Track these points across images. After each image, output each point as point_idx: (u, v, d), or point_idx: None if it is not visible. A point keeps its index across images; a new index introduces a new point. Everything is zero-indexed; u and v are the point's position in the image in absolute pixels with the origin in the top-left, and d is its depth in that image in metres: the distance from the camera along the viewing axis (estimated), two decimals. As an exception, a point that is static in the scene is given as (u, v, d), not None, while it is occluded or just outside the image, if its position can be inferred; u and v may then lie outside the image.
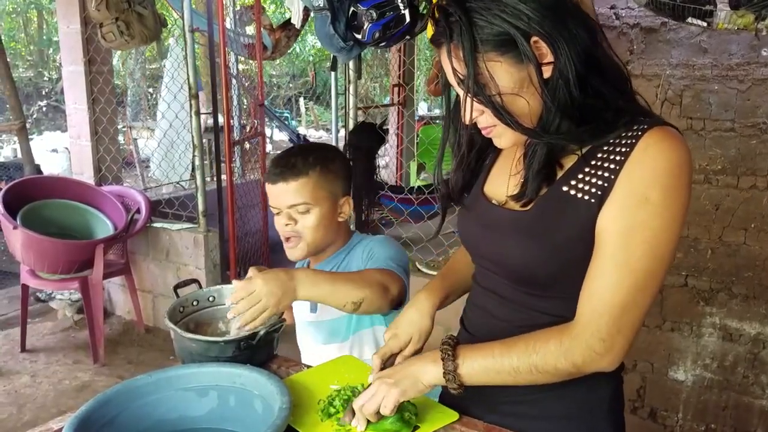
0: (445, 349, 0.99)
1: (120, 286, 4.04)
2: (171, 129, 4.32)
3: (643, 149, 0.89)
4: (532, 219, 0.98)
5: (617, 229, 0.90)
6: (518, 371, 0.95)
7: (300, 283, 1.19)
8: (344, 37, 2.45)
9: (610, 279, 0.90)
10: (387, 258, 1.41)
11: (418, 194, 3.58)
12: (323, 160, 1.45)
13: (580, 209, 0.93)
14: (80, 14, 3.76)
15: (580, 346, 0.92)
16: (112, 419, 1.06)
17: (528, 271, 1.00)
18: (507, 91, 0.92)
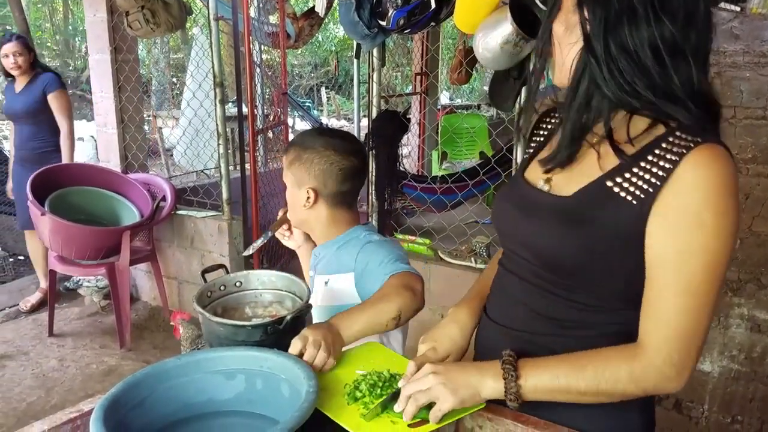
0: (507, 369, 0.98)
1: (146, 273, 4.09)
2: (195, 118, 4.35)
3: (693, 168, 0.88)
4: (570, 206, 0.99)
5: (674, 253, 0.90)
6: (584, 394, 0.95)
7: (340, 326, 1.22)
8: (368, 24, 2.44)
9: (674, 305, 0.91)
10: (395, 260, 1.42)
11: (441, 183, 3.57)
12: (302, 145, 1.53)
13: (621, 207, 0.93)
14: (106, 3, 3.79)
15: (652, 373, 0.92)
16: (141, 401, 1.07)
17: (557, 256, 1.00)
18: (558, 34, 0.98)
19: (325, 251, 1.57)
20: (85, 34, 11.64)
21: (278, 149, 4.78)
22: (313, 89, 15.91)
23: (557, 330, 1.04)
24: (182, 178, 5.11)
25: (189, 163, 4.51)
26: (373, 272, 1.42)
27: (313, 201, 1.52)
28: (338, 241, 1.55)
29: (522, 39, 2.00)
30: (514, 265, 1.11)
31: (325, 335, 1.18)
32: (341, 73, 15.75)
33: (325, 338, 1.18)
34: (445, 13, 2.30)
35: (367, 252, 1.47)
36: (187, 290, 3.98)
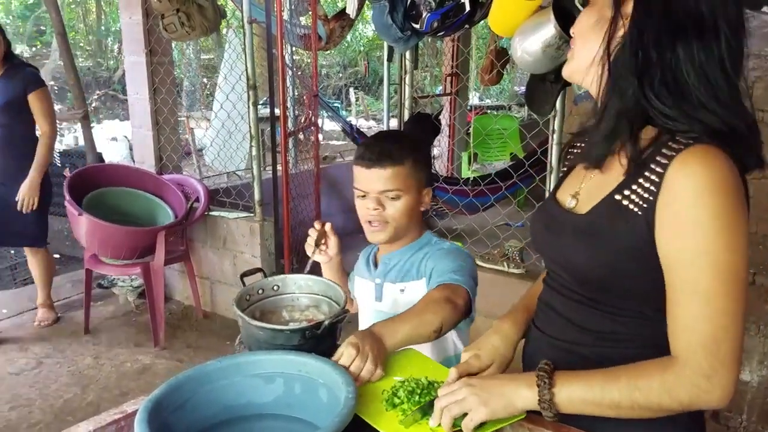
0: (542, 376, 0.97)
1: (179, 272, 4.15)
2: (229, 120, 4.40)
3: (680, 169, 0.88)
4: (586, 222, 1.01)
5: (679, 258, 0.90)
6: (619, 406, 0.93)
7: (384, 335, 1.22)
8: (402, 27, 2.44)
9: (689, 311, 0.89)
10: (449, 271, 1.42)
11: (473, 185, 3.55)
12: (415, 150, 1.49)
13: (628, 219, 0.94)
14: (142, 6, 3.85)
15: (684, 384, 0.90)
16: (183, 403, 1.09)
17: (582, 271, 1.02)
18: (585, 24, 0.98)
19: (397, 258, 1.55)
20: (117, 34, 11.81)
21: (308, 150, 4.81)
22: (341, 89, 15.98)
23: (597, 341, 1.04)
24: (214, 179, 5.17)
25: (222, 164, 4.56)
26: (434, 277, 1.44)
27: (430, 197, 1.54)
28: (412, 247, 1.55)
29: (564, 42, 1.98)
30: (552, 280, 1.14)
31: (372, 345, 1.18)
32: (370, 73, 15.79)
33: (372, 349, 1.18)
34: (479, 15, 2.29)
35: (435, 258, 1.48)
36: (219, 290, 4.03)
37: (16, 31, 13.91)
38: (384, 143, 1.48)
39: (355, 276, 1.70)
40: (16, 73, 3.38)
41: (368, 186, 1.47)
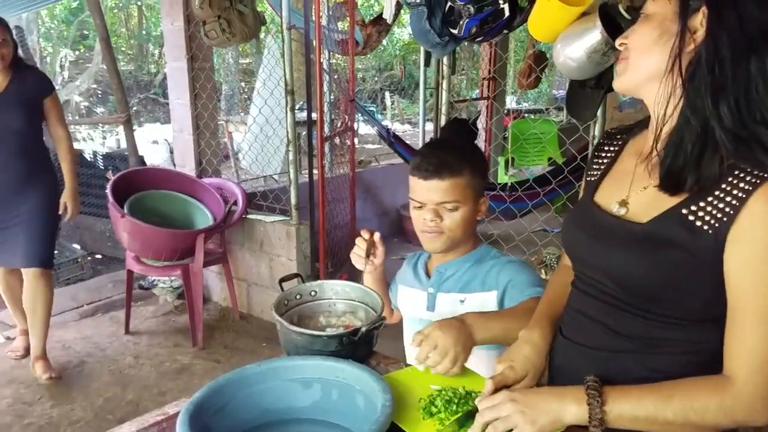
0: (593, 394, 0.96)
1: (217, 274, 4.22)
2: (267, 124, 4.47)
3: (763, 201, 0.88)
4: (646, 233, 0.99)
5: (751, 283, 0.90)
6: (671, 424, 0.93)
7: (473, 327, 1.22)
8: (440, 33, 2.43)
9: (756, 335, 0.90)
10: (529, 284, 1.42)
11: (510, 191, 3.52)
12: (473, 160, 1.48)
13: (696, 236, 0.93)
14: (184, 12, 3.93)
15: (741, 406, 0.91)
16: (223, 406, 1.11)
17: (635, 281, 1.00)
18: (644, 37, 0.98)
19: (454, 268, 1.53)
20: (158, 38, 12.06)
21: (343, 154, 4.84)
22: (376, 93, 16.04)
23: (638, 348, 1.03)
24: (252, 182, 5.25)
25: (260, 168, 4.63)
26: (516, 290, 1.43)
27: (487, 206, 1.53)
28: (469, 258, 1.53)
29: (611, 48, 1.96)
30: (589, 287, 1.11)
31: (456, 339, 1.18)
32: (406, 76, 15.82)
33: (455, 344, 1.18)
34: (518, 21, 2.27)
35: (510, 271, 1.47)
36: (255, 292, 4.08)
37: (60, 35, 14.35)
38: (442, 153, 1.45)
39: (399, 285, 1.68)
40: (26, 76, 3.12)
41: (425, 197, 1.45)
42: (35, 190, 3.14)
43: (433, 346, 1.18)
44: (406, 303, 1.64)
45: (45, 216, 3.18)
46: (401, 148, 4.49)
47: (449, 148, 1.49)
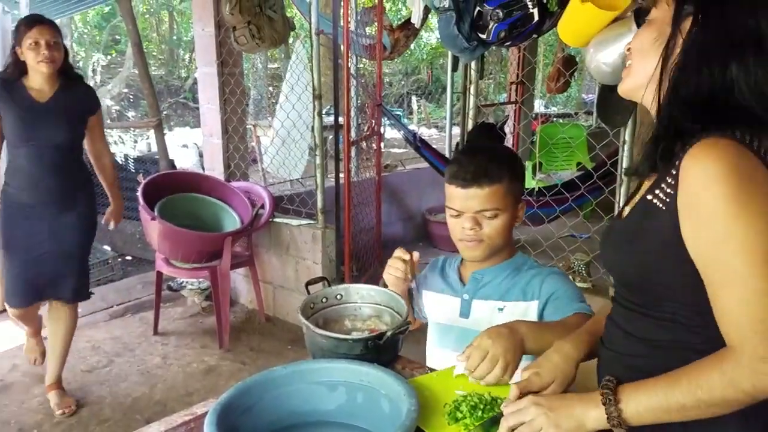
0: (606, 393, 0.97)
1: (244, 277, 4.26)
2: (294, 128, 4.50)
3: (689, 162, 0.90)
4: (623, 226, 1.05)
5: (706, 250, 0.91)
6: (685, 408, 0.92)
7: (526, 336, 1.22)
8: (468, 38, 2.43)
9: (729, 299, 0.90)
10: (575, 298, 1.41)
11: (538, 196, 3.49)
12: (511, 165, 1.45)
13: (657, 216, 0.96)
14: (214, 18, 3.98)
15: (744, 372, 0.88)
16: (250, 407, 1.12)
17: (623, 275, 1.06)
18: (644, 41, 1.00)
19: (492, 276, 1.51)
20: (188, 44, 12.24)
21: (369, 158, 4.86)
22: (403, 97, 16.06)
23: (652, 351, 1.02)
24: (278, 186, 5.29)
25: (286, 172, 4.66)
26: (561, 302, 1.41)
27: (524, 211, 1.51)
28: (507, 266, 1.51)
29: None
30: (615, 293, 1.13)
31: (506, 348, 1.18)
32: (433, 80, 15.82)
33: (505, 353, 1.18)
34: (548, 25, 2.26)
35: (554, 283, 1.45)
36: (281, 295, 4.10)
37: (92, 40, 14.64)
38: (479, 160, 1.42)
39: (424, 290, 1.64)
40: (74, 88, 2.84)
41: (464, 206, 1.42)
42: (74, 211, 2.89)
43: (483, 356, 1.18)
44: (434, 309, 1.60)
45: (86, 243, 3.02)
46: (427, 152, 4.48)
47: (486, 154, 1.45)
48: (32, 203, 2.81)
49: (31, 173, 2.77)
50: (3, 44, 3.93)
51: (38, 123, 2.71)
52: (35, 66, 2.65)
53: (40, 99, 2.73)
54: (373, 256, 4.73)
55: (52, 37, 2.66)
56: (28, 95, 2.71)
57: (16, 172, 2.79)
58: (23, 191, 2.79)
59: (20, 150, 2.75)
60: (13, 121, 2.70)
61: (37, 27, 2.63)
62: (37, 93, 2.73)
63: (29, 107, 2.70)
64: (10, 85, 2.71)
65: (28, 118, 2.69)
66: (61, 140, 2.79)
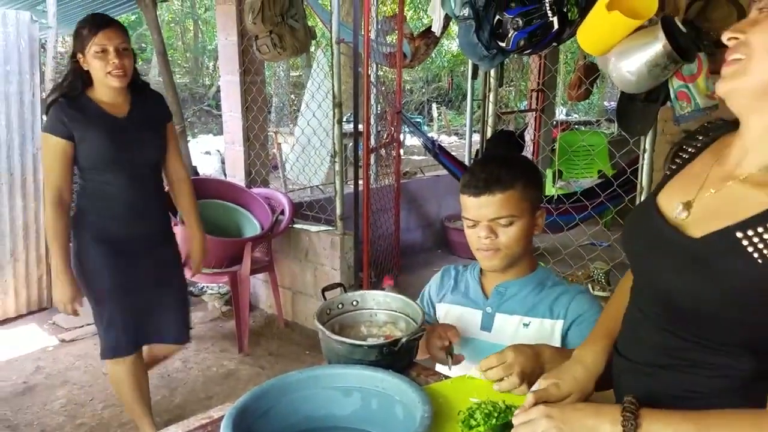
0: (628, 417, 0.92)
1: (263, 282, 4.30)
2: (314, 136, 4.55)
3: None
4: (697, 250, 0.92)
5: None
6: None
7: (547, 362, 1.23)
8: (488, 46, 2.43)
9: None
10: None
11: (557, 204, 3.48)
12: (525, 171, 1.43)
13: (746, 263, 0.86)
14: (237, 27, 4.05)
15: None
16: (266, 412, 1.13)
17: (679, 299, 0.95)
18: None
19: (516, 289, 1.48)
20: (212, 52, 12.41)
21: (388, 165, 4.88)
22: (423, 105, 16.07)
23: (682, 368, 0.99)
24: (298, 192, 5.34)
25: (306, 178, 4.71)
26: (586, 327, 1.38)
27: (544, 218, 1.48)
28: (531, 280, 1.49)
29: (671, 62, 1.92)
30: (641, 299, 1.07)
31: (527, 364, 1.20)
32: (453, 88, 15.81)
33: (524, 367, 1.19)
34: (567, 34, 2.25)
35: (581, 304, 1.43)
36: (300, 300, 4.13)
37: (118, 48, 14.87)
38: (491, 167, 1.41)
39: (439, 303, 1.62)
40: (146, 96, 2.47)
41: (478, 214, 1.40)
42: (171, 241, 2.64)
43: (502, 362, 1.19)
44: (453, 321, 1.54)
45: (183, 273, 2.74)
46: (446, 159, 4.49)
47: (499, 162, 1.44)
48: (127, 237, 2.41)
49: (125, 201, 2.38)
50: (30, 53, 4.01)
51: (127, 141, 2.33)
52: (103, 78, 2.25)
53: (119, 114, 2.34)
54: (392, 263, 4.74)
55: (122, 41, 2.26)
56: (104, 111, 2.31)
57: (103, 201, 2.37)
58: (114, 222, 2.39)
59: (107, 175, 2.34)
60: (96, 143, 2.29)
61: (104, 31, 2.22)
62: (112, 107, 2.33)
63: (112, 125, 2.31)
64: (77, 102, 2.29)
65: (115, 138, 2.30)
66: (153, 159, 2.46)
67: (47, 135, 2.29)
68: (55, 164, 2.28)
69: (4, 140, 3.94)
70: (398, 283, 4.60)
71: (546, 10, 2.21)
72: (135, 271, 2.45)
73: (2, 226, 4.00)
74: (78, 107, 2.29)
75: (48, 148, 2.30)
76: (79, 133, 2.28)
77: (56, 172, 2.29)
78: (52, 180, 2.30)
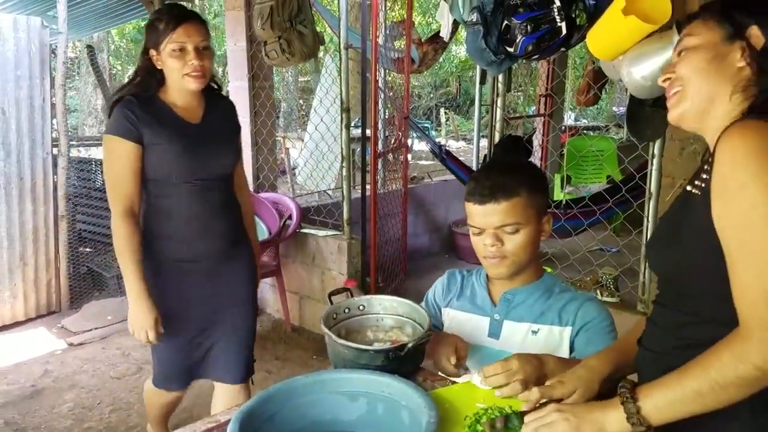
0: (623, 392, 0.98)
1: (271, 287, 4.30)
2: (322, 141, 4.56)
3: (724, 142, 0.94)
4: (665, 221, 1.10)
5: (730, 223, 0.92)
6: (701, 394, 0.92)
7: (551, 372, 1.23)
8: (495, 51, 2.43)
9: (747, 271, 0.90)
10: (607, 331, 1.41)
11: (565, 209, 3.46)
12: (530, 177, 1.43)
13: (693, 205, 1.00)
14: (246, 33, 4.07)
15: (752, 345, 0.89)
16: (272, 416, 1.13)
17: (666, 273, 1.09)
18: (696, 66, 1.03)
19: (523, 297, 1.48)
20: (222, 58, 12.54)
21: (396, 170, 4.88)
22: (431, 110, 16.09)
23: (687, 350, 1.01)
24: (306, 197, 5.35)
25: (314, 184, 4.72)
26: (593, 334, 1.40)
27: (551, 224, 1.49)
28: (538, 287, 1.48)
29: None
30: (657, 293, 1.15)
31: (531, 372, 1.21)
32: (461, 93, 15.82)
33: (528, 376, 1.20)
34: (576, 39, 2.24)
35: (589, 311, 1.43)
36: (307, 305, 4.13)
37: (128, 53, 15.02)
38: (495, 175, 1.41)
39: (446, 308, 1.61)
40: (219, 101, 2.17)
41: (483, 222, 1.40)
42: (241, 261, 2.21)
43: (505, 369, 1.19)
44: (460, 328, 1.53)
45: (255, 305, 2.35)
46: (453, 164, 4.49)
47: (503, 169, 1.44)
48: (194, 257, 2.09)
49: (197, 217, 2.05)
50: (41, 58, 4.05)
51: (202, 151, 2.03)
52: (179, 80, 1.96)
53: (193, 120, 2.05)
54: (399, 268, 4.74)
55: (203, 39, 1.97)
56: (178, 116, 2.02)
57: (163, 218, 2.05)
58: (183, 243, 2.07)
59: (178, 189, 2.03)
60: (169, 152, 1.98)
61: (183, 26, 1.92)
62: (185, 112, 2.04)
63: (185, 132, 2.01)
64: (149, 104, 1.99)
65: (189, 146, 2.00)
66: (226, 171, 2.14)
67: (114, 138, 1.95)
68: (125, 171, 1.96)
69: (15, 145, 3.97)
70: (405, 287, 4.59)
71: (554, 15, 2.21)
72: (197, 298, 2.12)
73: (12, 230, 4.03)
74: (150, 109, 1.98)
75: (114, 153, 1.96)
76: (149, 138, 1.97)
77: (127, 181, 1.96)
78: (122, 190, 1.96)
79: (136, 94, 1.99)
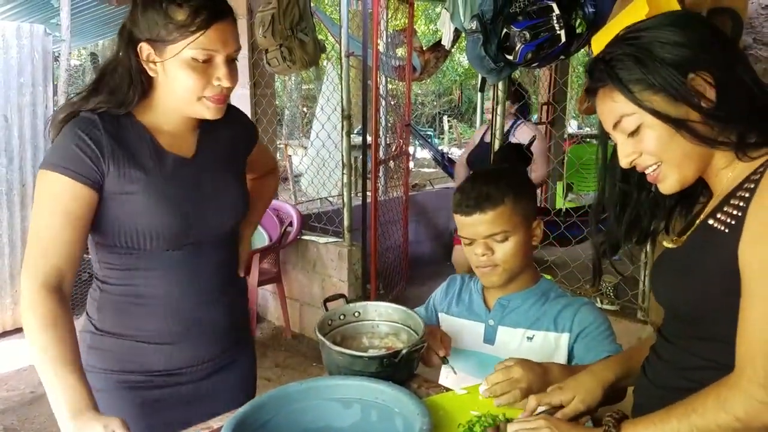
0: (608, 422, 0.97)
1: (271, 294, 4.30)
2: (323, 148, 4.57)
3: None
4: (680, 255, 1.00)
5: (756, 262, 0.86)
6: None
7: (555, 378, 1.22)
8: (495, 59, 2.44)
9: (751, 317, 0.85)
10: (606, 336, 1.40)
11: (565, 217, 3.46)
12: (514, 184, 1.43)
13: (717, 241, 0.92)
14: (248, 41, 4.08)
15: (738, 395, 0.84)
16: (265, 423, 1.13)
17: (676, 308, 1.02)
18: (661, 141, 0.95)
19: (519, 302, 1.48)
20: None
21: (398, 177, 4.88)
22: (434, 117, 16.12)
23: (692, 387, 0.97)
24: (307, 204, 5.36)
25: (315, 191, 4.73)
26: (593, 340, 1.39)
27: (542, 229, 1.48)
28: (534, 292, 1.48)
29: None
30: (662, 324, 1.11)
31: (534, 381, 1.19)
32: (464, 101, 15.86)
33: (531, 384, 1.19)
34: (575, 46, 2.25)
35: (586, 317, 1.42)
36: (307, 312, 4.13)
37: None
38: (479, 186, 1.41)
39: (442, 314, 1.61)
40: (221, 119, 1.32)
41: (472, 233, 1.41)
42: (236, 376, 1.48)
43: (508, 378, 1.18)
44: (455, 334, 1.51)
45: None
46: (455, 172, 4.49)
47: (487, 179, 1.44)
48: (171, 368, 1.35)
49: (182, 304, 1.34)
50: (44, 65, 4.07)
51: (197, 201, 1.32)
52: (189, 102, 1.26)
53: (183, 152, 1.34)
54: (400, 275, 4.73)
55: (238, 45, 1.31)
56: (160, 147, 1.30)
57: (139, 307, 1.31)
58: (156, 348, 1.33)
59: (154, 260, 1.30)
60: (146, 204, 1.26)
61: (219, 26, 1.24)
62: (172, 140, 1.32)
63: (171, 173, 1.30)
64: (119, 128, 1.26)
65: (178, 196, 1.29)
66: (228, 226, 1.41)
67: (55, 176, 1.20)
68: (61, 229, 1.20)
69: (17, 151, 3.98)
70: (406, 295, 4.58)
71: (553, 23, 2.22)
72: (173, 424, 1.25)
73: (14, 237, 4.04)
74: (120, 136, 1.26)
75: (50, 196, 1.21)
76: (115, 183, 1.24)
77: (62, 244, 1.21)
78: (51, 256, 1.21)
79: (101, 112, 1.25)
